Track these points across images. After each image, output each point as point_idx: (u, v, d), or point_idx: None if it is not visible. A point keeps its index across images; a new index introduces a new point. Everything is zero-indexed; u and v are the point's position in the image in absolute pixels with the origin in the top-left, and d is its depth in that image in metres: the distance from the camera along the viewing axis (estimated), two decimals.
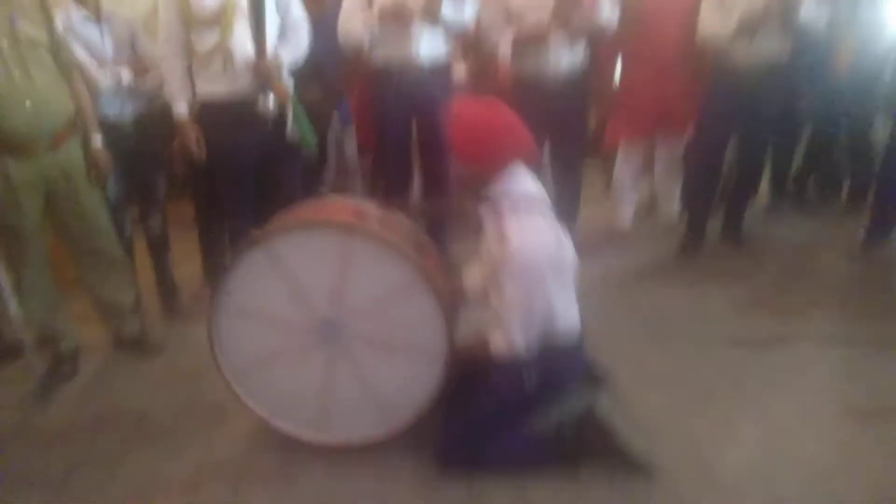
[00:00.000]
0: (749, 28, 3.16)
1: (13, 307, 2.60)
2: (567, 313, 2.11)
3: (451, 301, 2.18)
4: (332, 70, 3.35)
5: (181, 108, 2.87)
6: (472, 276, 2.31)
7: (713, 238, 3.82)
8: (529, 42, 3.17)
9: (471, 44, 3.61)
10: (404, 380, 2.18)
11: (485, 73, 3.68)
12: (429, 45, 3.13)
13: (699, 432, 2.30)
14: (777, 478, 2.09)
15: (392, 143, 3.31)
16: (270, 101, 2.84)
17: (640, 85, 3.50)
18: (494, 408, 2.16)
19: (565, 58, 3.26)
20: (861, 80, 3.68)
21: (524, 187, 2.07)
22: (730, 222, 3.83)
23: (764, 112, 3.41)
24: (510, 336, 2.03)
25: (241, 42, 2.78)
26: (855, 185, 4.21)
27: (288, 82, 2.95)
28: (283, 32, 2.92)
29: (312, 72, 3.15)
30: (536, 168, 3.53)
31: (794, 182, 4.37)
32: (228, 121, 2.85)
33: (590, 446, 2.14)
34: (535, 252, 1.95)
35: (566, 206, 3.69)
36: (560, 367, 2.14)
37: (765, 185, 4.33)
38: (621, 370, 2.32)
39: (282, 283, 2.10)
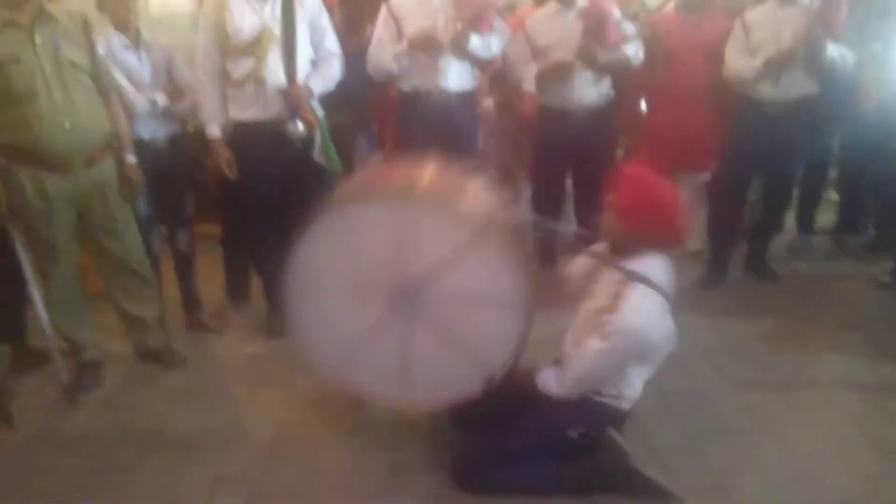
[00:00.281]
0: (775, 69, 3.19)
1: (43, 316, 2.68)
2: (635, 384, 2.17)
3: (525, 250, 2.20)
4: (361, 98, 3.43)
5: (214, 131, 2.98)
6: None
7: (738, 271, 3.80)
8: (554, 77, 3.22)
9: (497, 77, 3.67)
10: (489, 329, 2.18)
11: (510, 107, 3.75)
12: (456, 77, 3.20)
13: (720, 461, 2.27)
14: None
15: None
16: (299, 126, 2.94)
17: (664, 121, 3.53)
18: (524, 443, 2.17)
19: (589, 92, 3.31)
20: (890, 118, 3.66)
21: (662, 274, 2.13)
22: (754, 255, 3.81)
23: (789, 149, 3.42)
24: (567, 382, 2.13)
25: (275, 71, 2.90)
26: (882, 222, 4.15)
27: (318, 109, 3.05)
28: (315, 63, 3.05)
29: (343, 100, 3.25)
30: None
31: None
32: (259, 144, 2.96)
33: (609, 476, 2.13)
34: (648, 335, 2.04)
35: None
36: (603, 425, 2.17)
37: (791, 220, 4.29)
38: (642, 402, 2.30)
39: (353, 253, 2.12)
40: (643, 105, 3.77)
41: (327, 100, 3.14)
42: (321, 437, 2.51)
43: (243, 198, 3.15)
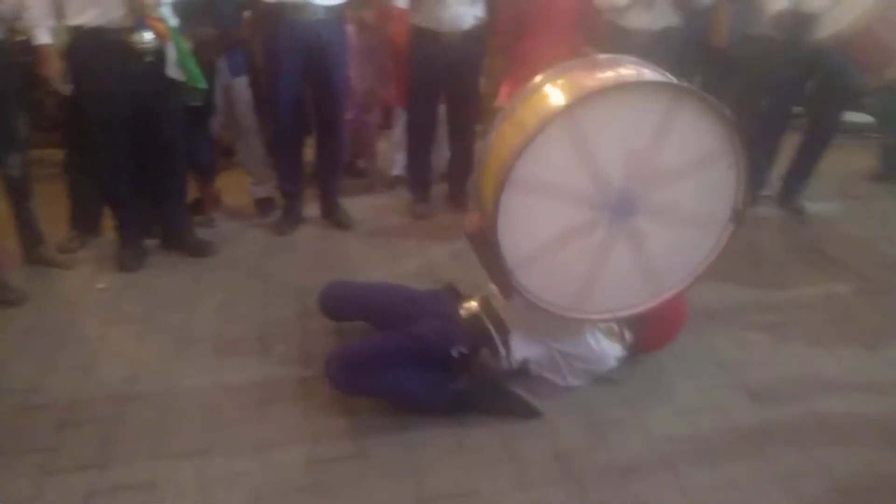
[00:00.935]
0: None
1: None
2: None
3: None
4: (227, 12, 3.13)
5: (43, 36, 2.63)
6: None
7: None
8: None
9: None
10: (683, 249, 2.10)
11: (382, 25, 3.58)
12: None
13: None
14: None
15: (284, 93, 3.16)
16: (147, 36, 2.65)
17: (535, 46, 3.50)
18: (405, 351, 2.17)
19: (464, 13, 3.21)
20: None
21: None
22: None
23: None
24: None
25: None
26: None
27: (170, 17, 2.75)
28: None
29: (205, 12, 2.96)
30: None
31: None
32: (101, 55, 2.65)
33: (482, 393, 2.21)
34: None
35: (460, 166, 3.70)
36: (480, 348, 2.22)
37: None
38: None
39: (580, 155, 1.89)
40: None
41: (187, 10, 2.85)
42: (180, 373, 2.39)
43: (87, 118, 2.83)
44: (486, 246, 1.99)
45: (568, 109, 1.81)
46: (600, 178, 1.94)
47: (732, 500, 1.95)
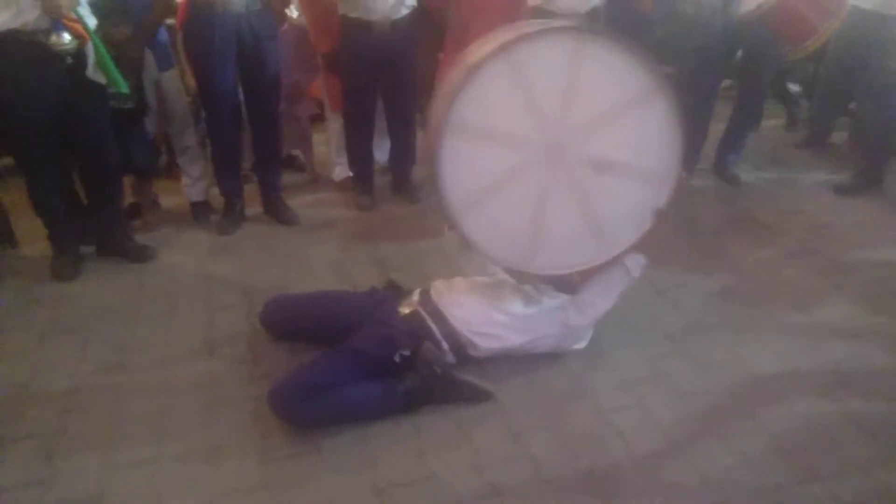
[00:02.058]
0: None
1: None
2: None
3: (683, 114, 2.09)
4: (137, 6, 3.03)
5: None
6: None
7: None
8: None
9: None
10: (624, 203, 2.10)
11: (314, 15, 3.51)
12: None
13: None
14: None
15: (216, 87, 3.09)
16: (65, 38, 2.56)
17: (468, 36, 3.48)
18: (344, 368, 2.15)
19: (394, 2, 3.18)
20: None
21: None
22: None
23: None
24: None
25: None
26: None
27: (88, 18, 2.66)
28: None
29: (115, 9, 2.86)
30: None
31: None
32: (17, 59, 2.55)
33: (431, 387, 2.21)
34: None
35: (402, 156, 3.69)
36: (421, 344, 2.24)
37: None
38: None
39: (517, 95, 1.95)
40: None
41: (101, 11, 2.75)
42: (123, 383, 2.33)
43: (8, 124, 2.71)
44: None
45: (503, 48, 1.91)
46: (538, 123, 2.01)
47: (680, 464, 2.02)
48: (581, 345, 2.44)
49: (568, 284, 2.37)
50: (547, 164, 2.07)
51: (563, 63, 1.97)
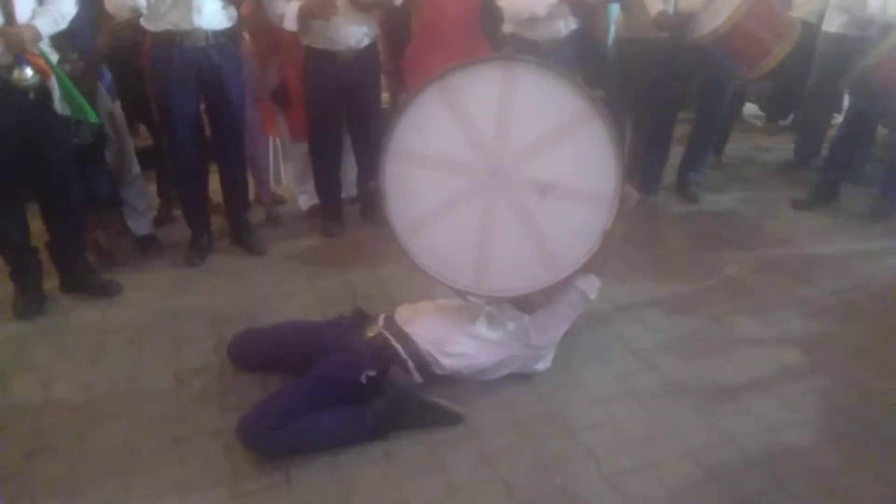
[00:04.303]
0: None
1: None
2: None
3: (619, 135, 2.13)
4: (86, 39, 3.02)
5: None
6: None
7: None
8: (317, 14, 3.09)
9: (256, 15, 3.43)
10: (574, 225, 2.13)
11: (272, 46, 3.54)
12: (210, 14, 2.94)
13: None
14: None
15: (174, 118, 3.09)
16: (28, 73, 2.54)
17: (426, 59, 3.54)
18: (310, 395, 2.15)
19: (356, 32, 3.21)
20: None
21: None
22: None
23: None
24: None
25: None
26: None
27: (50, 53, 2.66)
28: (42, 0, 2.63)
29: (63, 39, 2.85)
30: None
31: None
32: None
33: (400, 411, 2.21)
34: None
35: (368, 181, 3.71)
36: (388, 366, 2.27)
37: None
38: None
39: (453, 122, 2.04)
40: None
41: (53, 42, 2.74)
42: (91, 419, 2.29)
43: None
44: None
45: (439, 76, 2.04)
46: (475, 149, 2.11)
47: (653, 481, 2.04)
48: (543, 365, 2.46)
49: (531, 305, 2.40)
50: (489, 188, 2.16)
51: (495, 90, 2.06)
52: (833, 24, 3.94)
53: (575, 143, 2.10)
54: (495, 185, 2.15)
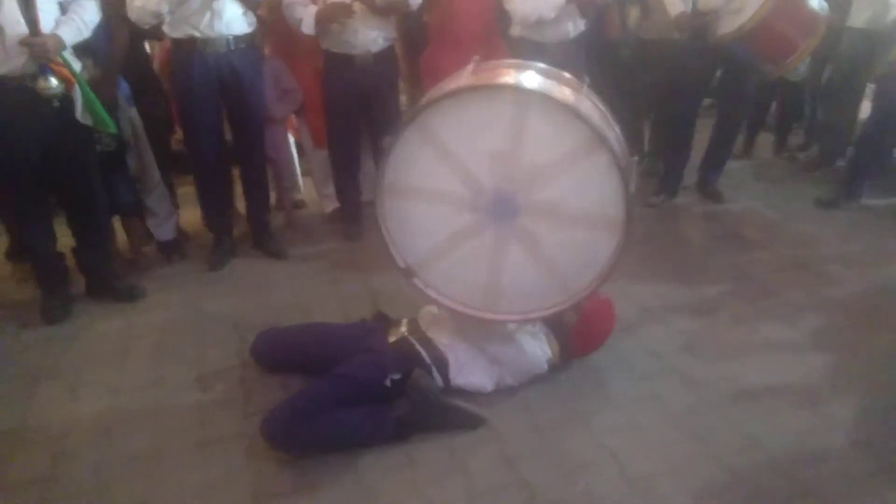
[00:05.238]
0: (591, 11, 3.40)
1: None
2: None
3: (625, 158, 2.09)
4: (104, 49, 3.06)
5: None
6: None
7: None
8: (334, 18, 3.10)
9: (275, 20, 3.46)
10: (583, 250, 2.12)
11: (292, 51, 3.57)
12: (231, 20, 2.98)
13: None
14: None
15: (197, 124, 3.13)
16: (52, 82, 2.58)
17: (443, 62, 3.53)
18: (335, 394, 2.16)
19: (374, 36, 3.23)
20: None
21: None
22: None
23: None
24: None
25: (12, 18, 2.49)
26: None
27: (73, 62, 2.70)
28: (65, 7, 2.67)
29: (83, 48, 2.89)
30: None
31: None
32: (5, 104, 2.58)
33: (423, 414, 2.20)
34: None
35: None
36: (412, 369, 2.25)
37: None
38: None
39: (442, 159, 2.02)
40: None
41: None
42: (114, 426, 2.31)
43: None
44: None
45: (413, 115, 2.01)
46: (471, 182, 2.07)
47: (675, 484, 2.02)
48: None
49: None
50: (494, 222, 2.14)
51: (503, 120, 2.00)
52: (859, 19, 3.88)
53: (584, 172, 2.04)
54: (499, 219, 2.13)
